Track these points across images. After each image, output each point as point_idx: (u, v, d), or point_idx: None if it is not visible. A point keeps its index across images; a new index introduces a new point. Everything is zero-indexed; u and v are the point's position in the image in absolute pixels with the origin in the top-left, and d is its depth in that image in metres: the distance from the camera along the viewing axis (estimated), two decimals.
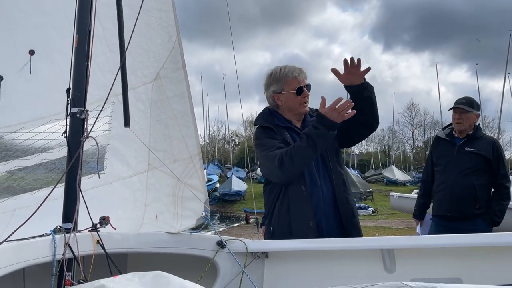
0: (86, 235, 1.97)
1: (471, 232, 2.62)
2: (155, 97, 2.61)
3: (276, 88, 2.50)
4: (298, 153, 2.29)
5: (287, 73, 2.47)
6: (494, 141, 3.82)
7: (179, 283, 1.23)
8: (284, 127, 2.50)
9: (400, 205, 11.29)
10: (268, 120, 2.55)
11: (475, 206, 3.64)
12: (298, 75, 2.47)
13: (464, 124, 3.75)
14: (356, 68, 2.36)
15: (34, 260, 1.75)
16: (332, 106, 2.25)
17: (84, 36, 2.10)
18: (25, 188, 2.59)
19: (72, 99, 2.05)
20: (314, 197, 2.37)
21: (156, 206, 2.62)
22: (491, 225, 3.64)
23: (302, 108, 2.51)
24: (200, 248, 2.30)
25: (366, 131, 2.56)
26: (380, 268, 2.14)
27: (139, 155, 2.64)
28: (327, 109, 2.27)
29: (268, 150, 2.41)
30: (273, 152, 2.37)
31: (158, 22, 2.59)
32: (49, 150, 2.58)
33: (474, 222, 3.61)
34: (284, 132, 2.48)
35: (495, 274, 1.94)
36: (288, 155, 2.29)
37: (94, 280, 1.32)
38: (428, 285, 0.94)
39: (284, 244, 2.32)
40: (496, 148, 3.73)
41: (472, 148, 3.72)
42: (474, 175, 3.67)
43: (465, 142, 3.77)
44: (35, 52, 2.55)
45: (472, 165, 3.69)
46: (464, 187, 3.66)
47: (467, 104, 3.75)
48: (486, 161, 3.68)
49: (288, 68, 2.49)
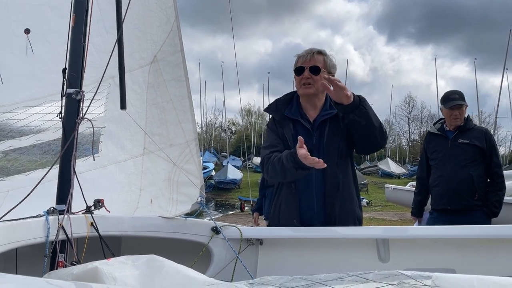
0: (80, 217, 1.96)
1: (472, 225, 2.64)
2: (151, 80, 2.58)
3: (293, 68, 2.44)
4: (274, 167, 2.26)
5: (298, 54, 2.43)
6: (485, 131, 3.85)
7: (173, 267, 1.22)
8: (291, 119, 2.42)
9: (395, 197, 11.35)
10: (278, 108, 2.47)
11: (474, 197, 3.64)
12: (301, 56, 2.39)
13: (461, 119, 3.78)
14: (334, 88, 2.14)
15: (27, 240, 1.74)
16: (302, 155, 2.06)
17: (81, 15, 2.06)
18: (19, 169, 2.57)
19: (68, 80, 2.02)
20: (306, 195, 2.34)
21: (151, 190, 2.61)
22: (490, 217, 3.63)
23: (302, 90, 2.38)
24: (194, 233, 2.30)
25: (369, 150, 2.49)
26: (374, 258, 2.14)
27: (134, 139, 2.62)
28: (300, 153, 2.07)
29: (264, 144, 2.47)
30: (265, 150, 2.41)
31: (157, 4, 2.55)
32: (44, 131, 2.55)
33: (473, 214, 3.61)
34: (287, 126, 2.41)
35: (489, 266, 1.95)
36: (270, 163, 2.30)
37: (88, 262, 1.31)
38: (423, 274, 0.94)
39: (279, 231, 2.33)
40: (489, 138, 3.75)
41: (465, 140, 3.73)
42: (470, 166, 3.67)
43: (457, 135, 3.79)
44: (30, 31, 2.50)
45: (468, 157, 3.69)
46: (462, 179, 3.66)
47: (461, 99, 3.80)
48: (480, 151, 3.69)
49: (306, 50, 2.43)
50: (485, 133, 3.78)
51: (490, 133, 3.89)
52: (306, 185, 2.35)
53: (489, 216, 3.63)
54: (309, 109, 2.45)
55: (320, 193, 2.34)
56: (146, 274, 1.23)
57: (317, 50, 2.40)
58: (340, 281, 0.96)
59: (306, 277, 1.00)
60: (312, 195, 2.34)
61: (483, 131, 3.81)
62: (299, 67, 2.36)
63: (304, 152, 2.05)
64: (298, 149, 2.08)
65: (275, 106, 2.50)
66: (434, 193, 3.88)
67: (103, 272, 1.20)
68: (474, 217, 3.58)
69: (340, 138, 2.37)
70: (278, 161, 2.24)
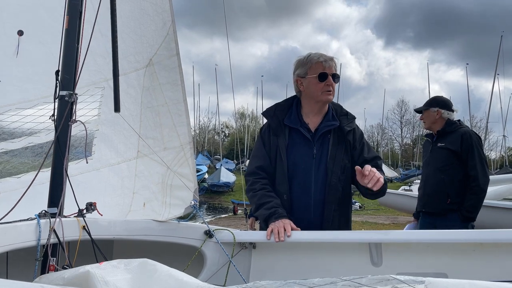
0: (72, 220, 1.95)
1: (446, 228, 2.65)
2: (147, 83, 2.57)
3: (300, 71, 2.39)
4: (252, 198, 2.38)
5: (313, 57, 2.37)
6: (464, 133, 3.68)
7: (165, 271, 1.22)
8: (292, 127, 2.39)
9: (387, 201, 11.41)
10: (276, 114, 2.43)
11: (446, 201, 3.64)
12: (324, 61, 2.34)
13: (427, 122, 3.90)
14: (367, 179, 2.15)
15: (18, 244, 1.73)
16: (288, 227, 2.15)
17: (75, 17, 2.06)
18: (11, 172, 2.55)
19: (61, 82, 2.01)
20: (301, 205, 2.33)
21: (144, 193, 2.60)
22: (464, 221, 3.58)
23: (324, 96, 2.34)
24: (187, 237, 2.29)
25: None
26: (367, 262, 2.15)
27: (128, 142, 2.61)
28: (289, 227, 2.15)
29: (253, 152, 2.52)
30: (252, 163, 2.46)
31: (153, 7, 2.54)
32: (36, 133, 2.53)
33: (447, 217, 3.61)
34: (282, 134, 2.38)
35: (480, 270, 1.96)
36: (252, 190, 2.38)
37: (79, 266, 1.30)
38: (416, 279, 0.94)
39: None
40: (466, 139, 3.62)
41: (442, 144, 3.77)
42: (445, 170, 3.68)
43: (437, 139, 3.85)
44: (23, 33, 2.48)
45: (442, 160, 3.72)
46: (435, 183, 3.73)
47: (426, 105, 3.90)
48: (454, 154, 3.65)
49: (316, 54, 2.39)
50: (462, 135, 3.65)
51: (470, 135, 3.69)
52: (302, 194, 2.34)
53: (463, 220, 3.58)
54: (311, 116, 2.42)
55: (319, 203, 2.33)
56: (139, 278, 1.22)
57: (334, 57, 2.41)
58: (333, 285, 0.96)
59: (299, 282, 1.00)
60: (309, 204, 2.33)
61: (461, 133, 3.68)
62: (324, 73, 2.33)
63: (290, 229, 2.14)
64: (289, 224, 2.16)
65: (273, 111, 2.46)
66: (418, 196, 4.02)
67: (95, 276, 1.19)
68: (449, 220, 3.59)
69: (343, 152, 2.36)
70: (258, 199, 2.31)
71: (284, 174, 2.35)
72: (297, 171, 2.35)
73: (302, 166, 2.35)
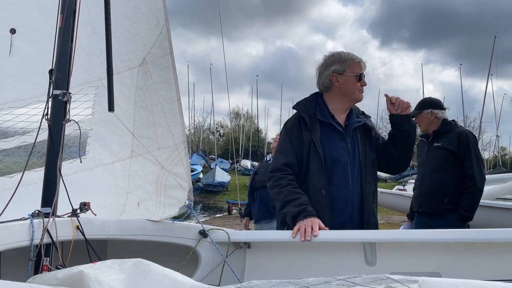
0: (66, 220, 1.94)
1: (443, 228, 2.67)
2: (140, 82, 2.56)
3: (338, 68, 2.41)
4: (277, 194, 2.32)
5: (352, 57, 2.44)
6: (460, 132, 3.70)
7: (159, 271, 1.21)
8: (324, 122, 2.40)
9: (381, 201, 11.46)
10: (308, 109, 2.43)
11: (443, 201, 3.65)
12: (360, 62, 2.44)
13: (422, 125, 3.88)
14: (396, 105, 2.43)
15: (11, 244, 1.71)
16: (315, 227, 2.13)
17: (69, 16, 2.04)
18: (3, 171, 2.53)
19: (54, 81, 1.99)
20: (342, 199, 2.34)
21: (138, 193, 2.59)
22: (461, 221, 3.60)
23: (360, 94, 2.45)
24: (182, 236, 2.28)
25: (400, 167, 2.57)
26: (361, 261, 2.16)
27: (122, 141, 2.60)
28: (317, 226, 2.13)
29: (278, 148, 2.47)
30: (278, 158, 2.41)
31: (147, 6, 2.53)
32: (29, 132, 2.52)
33: (445, 217, 3.62)
34: (316, 129, 2.37)
35: (474, 270, 1.97)
36: (278, 186, 2.32)
37: (73, 266, 1.29)
38: (410, 278, 0.95)
39: (267, 235, 2.33)
40: (462, 139, 3.64)
41: (438, 143, 3.77)
42: (441, 170, 3.68)
43: (433, 139, 3.85)
44: (16, 31, 2.46)
45: (439, 160, 3.72)
46: (432, 182, 3.72)
47: (417, 108, 3.87)
48: (451, 154, 3.66)
49: (352, 54, 2.47)
50: (459, 135, 3.67)
51: (466, 135, 3.71)
52: (343, 188, 2.34)
53: (460, 220, 3.60)
54: (339, 113, 2.46)
55: (358, 197, 2.37)
56: (133, 278, 1.22)
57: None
58: (327, 285, 0.96)
59: (294, 281, 1.00)
60: (348, 200, 2.35)
61: (457, 133, 3.69)
62: (362, 74, 2.43)
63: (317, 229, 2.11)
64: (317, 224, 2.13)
65: (303, 106, 2.47)
66: (413, 196, 4.01)
67: (89, 276, 1.18)
68: (446, 220, 3.60)
69: (371, 148, 2.47)
70: (285, 196, 2.26)
71: (322, 168, 2.32)
72: (335, 166, 2.35)
73: (340, 160, 2.36)
